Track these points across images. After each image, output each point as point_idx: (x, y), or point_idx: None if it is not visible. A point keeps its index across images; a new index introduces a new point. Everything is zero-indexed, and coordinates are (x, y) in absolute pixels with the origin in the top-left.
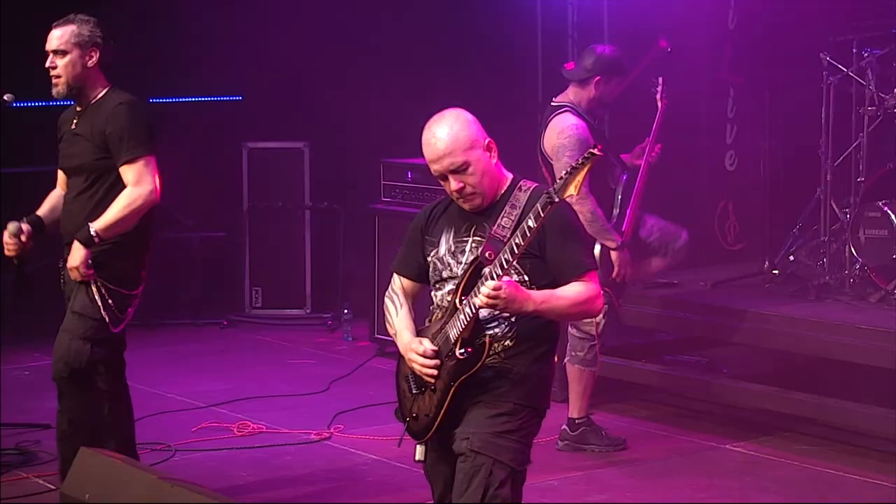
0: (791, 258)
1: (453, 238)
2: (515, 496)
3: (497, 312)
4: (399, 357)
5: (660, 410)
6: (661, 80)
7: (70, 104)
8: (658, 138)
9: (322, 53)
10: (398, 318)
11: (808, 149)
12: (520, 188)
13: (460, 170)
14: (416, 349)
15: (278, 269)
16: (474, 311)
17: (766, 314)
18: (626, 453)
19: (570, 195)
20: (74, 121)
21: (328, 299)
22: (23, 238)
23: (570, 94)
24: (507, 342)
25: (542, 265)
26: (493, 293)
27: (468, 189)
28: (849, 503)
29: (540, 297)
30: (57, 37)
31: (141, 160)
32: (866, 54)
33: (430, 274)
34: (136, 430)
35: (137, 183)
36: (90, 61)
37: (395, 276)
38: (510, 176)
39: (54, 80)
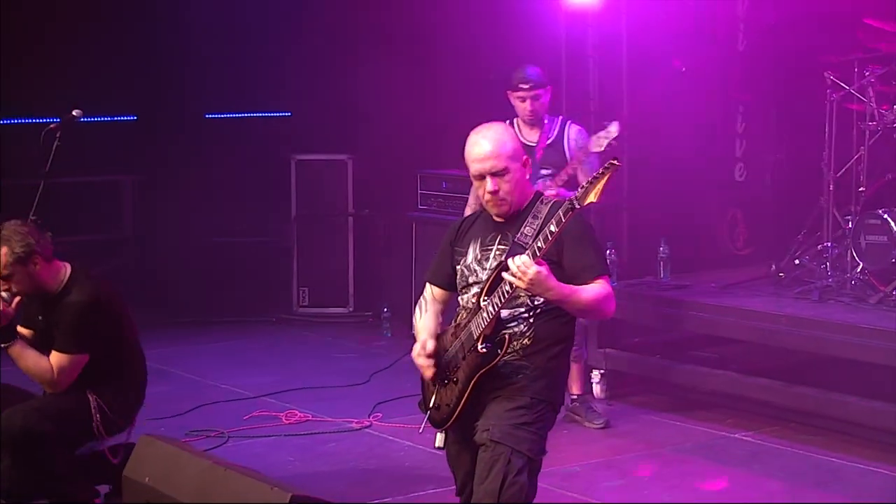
0: (796, 262)
1: (480, 247)
2: (532, 484)
3: (519, 311)
4: None
5: (674, 402)
6: (616, 125)
7: None
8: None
9: (364, 74)
10: (421, 321)
11: (811, 161)
12: (542, 201)
13: (500, 174)
14: (415, 354)
15: (323, 271)
16: (496, 310)
17: (772, 314)
18: (643, 442)
19: (591, 202)
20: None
21: (369, 299)
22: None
23: None
24: (525, 340)
25: (559, 270)
26: (524, 268)
27: (501, 194)
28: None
29: (566, 290)
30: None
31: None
32: (867, 73)
33: (458, 280)
34: (192, 418)
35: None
36: (36, 267)
37: (427, 284)
38: (534, 190)
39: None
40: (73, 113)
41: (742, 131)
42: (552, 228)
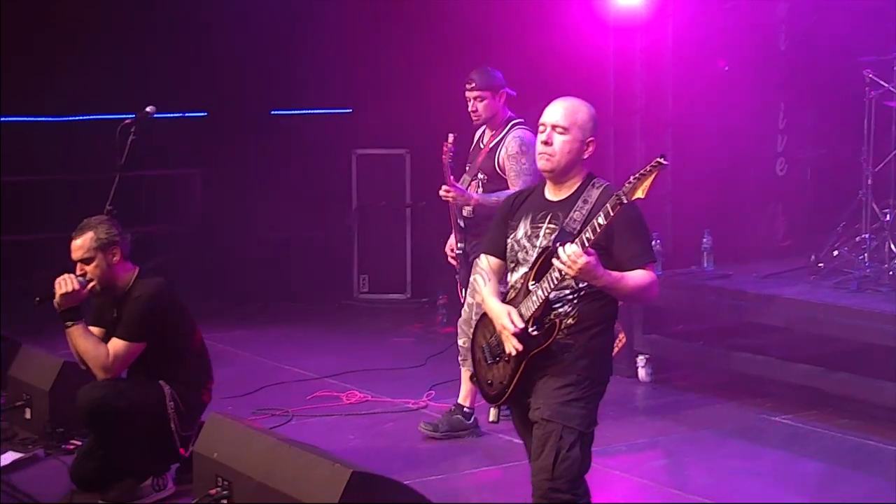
0: (835, 253)
1: (530, 223)
2: (585, 456)
3: (565, 293)
4: (475, 329)
5: (717, 386)
6: (452, 136)
7: None
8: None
9: (421, 74)
10: (486, 288)
11: (850, 156)
12: (593, 185)
13: (559, 131)
14: (507, 327)
15: (382, 259)
16: (545, 294)
17: (811, 302)
18: (687, 423)
19: (638, 198)
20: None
21: (425, 285)
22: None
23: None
24: (570, 320)
25: (607, 256)
26: (574, 257)
27: (549, 148)
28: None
29: (613, 277)
30: (81, 246)
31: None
32: None
33: (507, 255)
34: (259, 397)
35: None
36: (115, 258)
37: (482, 256)
38: (587, 172)
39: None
40: (147, 109)
41: (783, 128)
42: (600, 221)
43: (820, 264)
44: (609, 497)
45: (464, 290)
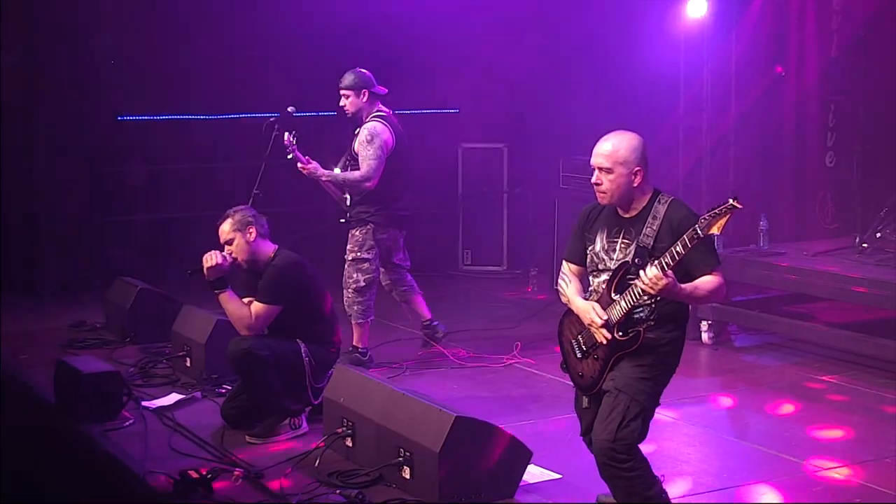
0: (878, 235)
1: (606, 238)
2: (643, 428)
3: (644, 300)
4: (561, 323)
5: (771, 348)
6: (291, 136)
7: None
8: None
9: (518, 78)
10: (570, 289)
11: (893, 151)
12: (659, 201)
13: (605, 171)
14: (595, 321)
15: (483, 236)
16: (629, 306)
17: (855, 277)
18: (744, 380)
19: (714, 233)
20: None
21: (519, 259)
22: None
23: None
24: (650, 323)
25: (680, 265)
26: (656, 280)
27: (601, 188)
28: None
29: (687, 290)
30: (223, 231)
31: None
32: None
33: (588, 263)
34: (379, 352)
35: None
36: (251, 236)
37: (564, 262)
38: (652, 190)
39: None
40: (289, 109)
41: (833, 125)
42: (679, 249)
43: (864, 244)
44: (675, 443)
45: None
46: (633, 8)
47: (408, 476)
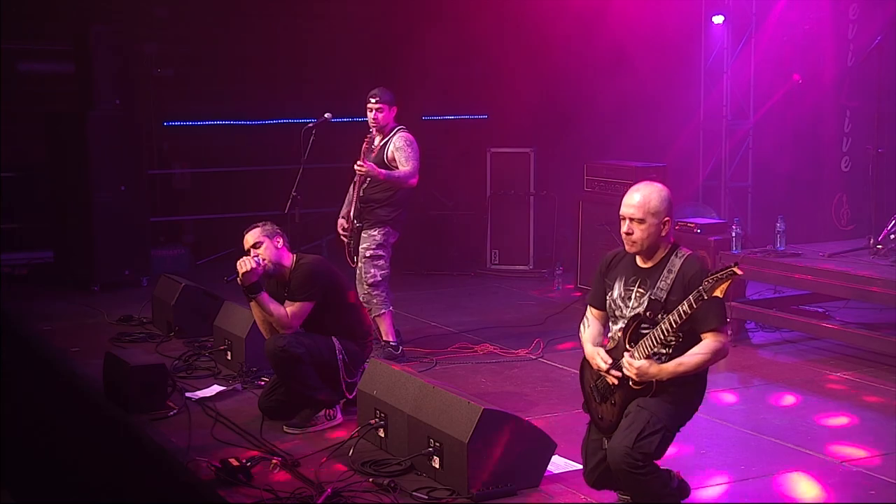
0: (892, 236)
1: (624, 286)
2: (662, 445)
3: (659, 349)
4: (582, 366)
5: (787, 345)
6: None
7: None
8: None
9: (543, 88)
10: (585, 334)
11: None
12: (676, 254)
13: (636, 221)
14: (600, 367)
15: (510, 237)
16: (641, 356)
17: (870, 277)
18: (761, 376)
19: (717, 296)
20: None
21: (545, 259)
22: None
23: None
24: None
25: (685, 322)
26: (635, 370)
27: (632, 237)
28: None
29: (668, 370)
30: (252, 235)
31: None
32: None
33: (607, 309)
34: (422, 345)
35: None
36: (279, 244)
37: (587, 307)
38: (672, 243)
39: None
40: (326, 115)
41: (848, 131)
42: (685, 309)
43: (878, 246)
44: (694, 436)
45: (354, 257)
46: (656, 17)
47: (437, 465)
